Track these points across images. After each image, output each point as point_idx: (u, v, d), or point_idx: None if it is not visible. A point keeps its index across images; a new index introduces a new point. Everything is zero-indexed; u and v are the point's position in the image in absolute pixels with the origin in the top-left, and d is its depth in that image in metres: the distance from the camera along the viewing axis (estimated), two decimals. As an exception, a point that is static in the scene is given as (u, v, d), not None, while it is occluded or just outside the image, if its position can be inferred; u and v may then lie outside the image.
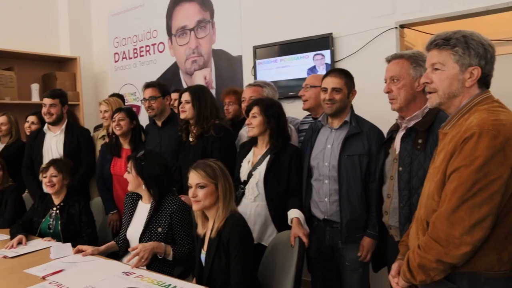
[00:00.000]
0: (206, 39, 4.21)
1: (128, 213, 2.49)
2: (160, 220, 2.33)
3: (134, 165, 2.37)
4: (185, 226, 2.34)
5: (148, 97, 3.03)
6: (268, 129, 2.41)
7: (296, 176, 2.41)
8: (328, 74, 2.40)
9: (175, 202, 2.35)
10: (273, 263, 2.17)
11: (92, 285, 1.86)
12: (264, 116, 2.39)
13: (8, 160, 3.40)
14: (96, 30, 5.34)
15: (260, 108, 2.40)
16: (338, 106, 2.31)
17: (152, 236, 2.32)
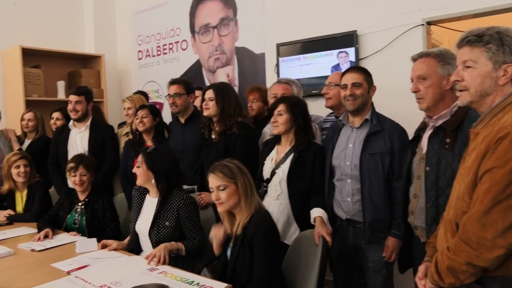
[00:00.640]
0: (229, 36, 4.21)
1: (136, 207, 2.52)
2: (167, 215, 2.36)
3: (145, 159, 2.40)
4: (193, 219, 2.37)
5: (173, 94, 3.04)
6: (294, 127, 2.40)
7: (319, 175, 2.39)
8: (346, 72, 2.37)
9: (181, 197, 2.37)
10: (296, 262, 2.15)
11: (116, 281, 1.88)
12: (290, 113, 2.38)
13: (34, 155, 3.47)
14: (120, 28, 5.41)
15: (287, 106, 2.39)
16: (360, 101, 2.28)
17: (160, 230, 2.35)
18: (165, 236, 2.33)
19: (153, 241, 2.37)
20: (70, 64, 5.09)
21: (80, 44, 5.31)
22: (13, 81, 4.48)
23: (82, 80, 4.82)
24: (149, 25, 4.99)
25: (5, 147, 3.83)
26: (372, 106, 2.35)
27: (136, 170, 2.43)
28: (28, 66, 4.50)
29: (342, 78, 2.35)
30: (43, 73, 4.63)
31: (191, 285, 1.81)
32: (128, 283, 1.83)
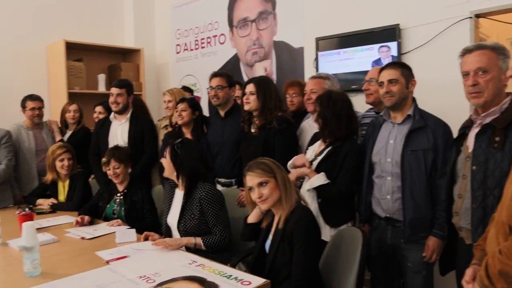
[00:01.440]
0: (268, 30, 4.18)
1: (167, 200, 2.56)
2: (192, 208, 2.37)
3: (170, 150, 2.43)
4: (215, 213, 2.35)
5: (215, 86, 3.05)
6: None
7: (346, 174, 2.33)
8: (383, 69, 2.31)
9: (204, 189, 2.37)
10: (335, 259, 2.12)
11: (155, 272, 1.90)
12: (320, 106, 2.36)
13: (74, 146, 3.57)
14: (159, 22, 5.47)
15: (320, 106, 2.37)
16: (397, 98, 2.21)
17: (187, 223, 2.37)
18: (191, 228, 2.35)
19: (181, 234, 2.40)
20: (110, 58, 5.20)
21: (120, 38, 5.41)
22: (57, 74, 4.61)
23: (121, 73, 4.92)
24: (187, 19, 5.03)
25: (48, 138, 3.96)
26: (415, 102, 2.28)
27: (162, 160, 2.47)
28: (71, 59, 4.63)
29: (379, 76, 2.30)
30: (85, 67, 4.75)
31: (229, 279, 1.81)
32: (167, 275, 1.85)
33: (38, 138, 3.90)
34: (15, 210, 3.27)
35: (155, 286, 1.74)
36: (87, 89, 4.75)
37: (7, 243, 2.44)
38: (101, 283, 1.79)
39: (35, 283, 1.81)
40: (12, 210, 3.26)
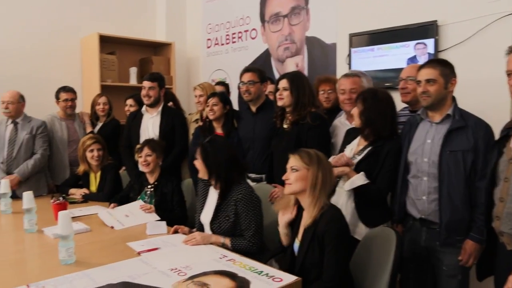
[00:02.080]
0: (300, 26, 4.14)
1: (201, 198, 2.53)
2: (227, 209, 2.33)
3: (200, 151, 2.38)
4: (248, 216, 2.28)
5: (247, 81, 3.03)
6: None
7: (385, 174, 2.28)
8: (422, 67, 2.24)
9: (241, 191, 2.31)
10: (367, 259, 2.08)
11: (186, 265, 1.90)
12: (364, 104, 2.30)
13: (104, 138, 3.63)
14: (191, 16, 5.48)
15: (363, 104, 2.31)
16: (434, 98, 2.14)
17: (221, 223, 2.33)
18: (226, 229, 2.32)
19: (215, 233, 2.38)
20: (142, 51, 5.24)
21: (152, 31, 5.45)
22: (90, 67, 4.69)
23: (152, 67, 4.95)
24: (219, 14, 5.03)
25: (80, 129, 4.04)
26: (455, 101, 2.20)
27: (195, 162, 2.42)
28: (104, 52, 4.68)
29: (417, 74, 2.23)
30: (117, 60, 4.81)
31: (260, 275, 1.80)
32: (198, 269, 1.86)
33: (71, 129, 3.97)
34: (49, 198, 3.36)
35: (187, 279, 1.74)
36: (119, 81, 4.81)
37: (42, 230, 2.50)
38: (133, 274, 1.80)
39: (70, 271, 1.85)
40: (46, 199, 3.34)
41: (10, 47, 4.39)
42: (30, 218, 2.50)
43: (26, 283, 1.71)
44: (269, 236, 2.65)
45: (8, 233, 2.67)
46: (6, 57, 4.36)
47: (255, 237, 2.26)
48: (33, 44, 4.54)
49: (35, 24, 4.55)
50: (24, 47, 4.48)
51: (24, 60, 4.47)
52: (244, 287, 1.67)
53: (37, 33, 4.56)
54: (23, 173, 3.52)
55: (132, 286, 1.69)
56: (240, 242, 2.25)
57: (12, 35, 4.41)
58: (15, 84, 3.93)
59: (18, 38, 4.44)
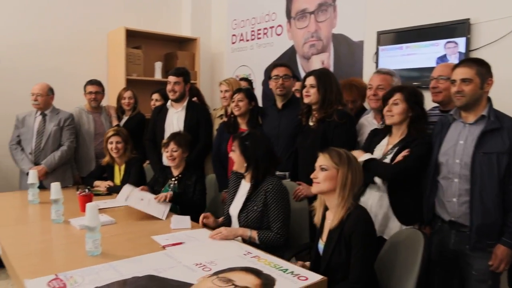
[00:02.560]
0: (327, 23, 4.09)
1: (232, 191, 2.56)
2: (257, 199, 2.35)
3: (238, 144, 2.40)
4: (276, 208, 2.30)
5: (283, 75, 3.02)
6: (409, 118, 2.28)
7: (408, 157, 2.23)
8: (457, 65, 2.18)
9: (271, 182, 2.34)
10: (393, 260, 2.04)
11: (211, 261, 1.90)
12: (406, 104, 2.26)
13: (129, 131, 3.65)
14: (216, 12, 5.49)
15: (404, 96, 2.27)
16: (469, 98, 2.08)
17: (248, 214, 2.35)
18: (253, 220, 2.34)
19: (241, 224, 2.39)
20: (167, 46, 5.27)
21: (177, 26, 5.48)
22: (116, 60, 4.74)
23: (177, 61, 4.98)
24: (244, 10, 5.01)
25: (106, 122, 4.09)
26: (490, 102, 2.14)
27: (231, 155, 2.45)
28: (130, 47, 4.73)
29: (452, 72, 2.18)
30: (143, 54, 4.84)
31: (285, 272, 1.79)
32: (222, 264, 1.85)
33: (97, 122, 4.03)
34: (74, 190, 3.42)
35: (212, 274, 1.74)
36: (144, 76, 4.85)
37: (69, 221, 2.53)
38: (159, 268, 1.81)
39: (96, 262, 1.87)
40: (71, 190, 3.40)
41: (40, 41, 4.48)
42: (57, 209, 2.54)
43: (54, 273, 1.73)
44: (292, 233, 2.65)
45: (36, 222, 2.71)
46: (35, 51, 4.44)
47: (283, 230, 2.28)
48: (62, 38, 4.62)
49: (64, 18, 4.63)
50: (53, 41, 4.56)
51: (53, 54, 4.56)
52: (270, 284, 1.66)
53: (65, 27, 4.64)
54: (50, 164, 3.58)
55: (158, 279, 1.69)
56: (267, 235, 2.27)
57: (41, 30, 4.49)
58: (44, 77, 4.01)
59: (48, 32, 4.53)
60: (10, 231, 2.41)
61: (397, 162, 2.22)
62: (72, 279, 1.68)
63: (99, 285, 1.63)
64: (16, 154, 3.63)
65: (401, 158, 2.22)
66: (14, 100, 4.18)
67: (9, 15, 4.30)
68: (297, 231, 2.67)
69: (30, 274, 1.73)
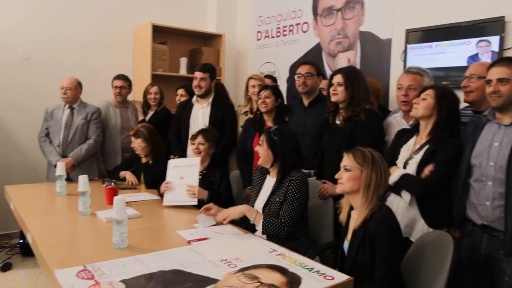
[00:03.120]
0: (354, 20, 4.04)
1: (257, 187, 2.54)
2: (280, 192, 2.34)
3: (266, 138, 2.39)
4: (292, 199, 2.28)
5: (305, 73, 3.00)
6: (435, 117, 2.24)
7: (438, 167, 2.19)
8: (493, 65, 2.11)
9: (295, 174, 2.33)
10: (420, 262, 2.01)
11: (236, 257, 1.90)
12: (435, 101, 2.22)
13: (154, 126, 3.68)
14: (242, 8, 5.48)
15: (435, 93, 2.23)
16: (505, 99, 2.02)
17: (271, 206, 2.35)
18: (274, 212, 2.33)
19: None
20: (192, 42, 5.30)
21: (203, 22, 5.49)
22: (142, 56, 4.78)
23: (202, 57, 4.99)
24: (270, 6, 4.99)
25: (132, 117, 4.14)
26: None
27: (258, 149, 2.44)
28: (156, 42, 4.76)
29: (488, 72, 2.11)
30: (169, 50, 4.87)
31: (310, 271, 1.77)
32: (248, 261, 1.84)
33: (124, 116, 4.08)
34: (99, 183, 3.47)
35: (237, 271, 1.74)
36: (169, 71, 4.88)
37: (95, 213, 2.57)
38: (184, 262, 1.81)
39: (123, 255, 1.88)
40: (97, 183, 3.45)
41: (69, 37, 4.55)
42: (84, 201, 2.58)
43: (82, 264, 1.76)
44: (317, 232, 2.64)
45: (63, 214, 2.76)
46: (64, 46, 4.53)
47: (289, 220, 2.26)
48: (90, 34, 4.69)
49: (92, 15, 4.70)
50: (81, 37, 4.64)
51: (81, 49, 4.63)
52: (296, 283, 1.64)
53: (93, 23, 4.71)
54: (76, 157, 3.64)
55: (184, 274, 1.70)
56: (272, 221, 2.26)
57: (70, 25, 4.57)
58: (73, 71, 4.09)
59: (76, 28, 4.60)
60: (38, 221, 2.46)
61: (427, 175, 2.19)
62: (99, 270, 1.70)
63: (126, 277, 1.64)
64: (45, 146, 3.70)
65: (427, 172, 2.18)
66: (43, 93, 4.27)
67: (39, 12, 4.38)
68: (322, 230, 2.66)
69: (59, 264, 1.76)
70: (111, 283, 1.58)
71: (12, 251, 3.93)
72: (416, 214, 2.26)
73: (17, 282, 3.35)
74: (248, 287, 1.58)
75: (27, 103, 4.29)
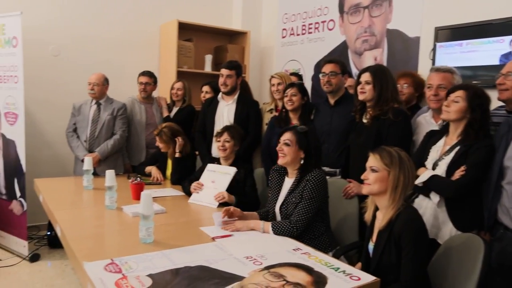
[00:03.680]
0: (381, 17, 3.98)
1: (275, 188, 2.50)
2: (296, 191, 2.31)
3: (298, 139, 2.35)
4: (308, 199, 2.25)
5: (328, 72, 2.97)
6: (467, 119, 2.18)
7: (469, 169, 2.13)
8: None
9: (314, 174, 2.29)
10: (447, 265, 1.96)
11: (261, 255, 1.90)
12: (468, 103, 2.16)
13: (178, 122, 3.71)
14: (267, 5, 5.46)
15: (467, 94, 2.17)
16: None
17: (288, 206, 2.33)
18: (291, 212, 2.30)
19: (283, 217, 2.37)
20: (217, 39, 5.31)
21: (228, 20, 5.50)
22: (168, 53, 4.82)
23: (227, 55, 5.00)
24: (295, 4, 4.96)
25: (157, 113, 4.17)
26: None
27: (283, 148, 2.37)
28: (181, 39, 4.79)
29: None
30: (194, 47, 4.90)
31: (336, 271, 1.75)
32: (273, 259, 1.84)
33: (149, 112, 4.12)
34: (124, 178, 3.52)
35: (263, 268, 1.73)
36: (195, 68, 4.90)
37: (121, 208, 2.60)
38: (210, 259, 1.82)
39: (149, 250, 1.90)
40: (122, 178, 3.50)
41: (96, 34, 4.62)
42: (111, 196, 2.62)
43: (109, 257, 1.78)
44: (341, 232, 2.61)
45: (90, 208, 2.81)
46: (92, 43, 4.59)
47: (301, 221, 2.23)
48: (117, 31, 4.75)
49: (119, 11, 4.75)
50: (108, 34, 4.70)
51: (108, 46, 4.70)
52: (322, 282, 1.63)
53: (120, 20, 4.76)
54: (103, 152, 3.70)
55: (210, 270, 1.71)
56: (282, 226, 2.23)
57: (97, 23, 4.63)
58: (100, 68, 4.14)
59: (104, 25, 4.67)
60: (67, 214, 2.51)
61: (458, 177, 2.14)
62: (127, 264, 1.72)
63: (152, 272, 1.66)
64: (72, 141, 3.77)
65: (458, 176, 2.13)
66: (72, 89, 4.34)
67: (69, 9, 4.46)
68: (345, 229, 2.63)
69: (87, 257, 1.79)
70: (138, 277, 1.60)
71: (40, 243, 4.02)
72: (444, 216, 2.21)
73: (44, 273, 3.42)
74: (274, 285, 1.57)
75: (56, 98, 4.38)
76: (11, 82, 3.68)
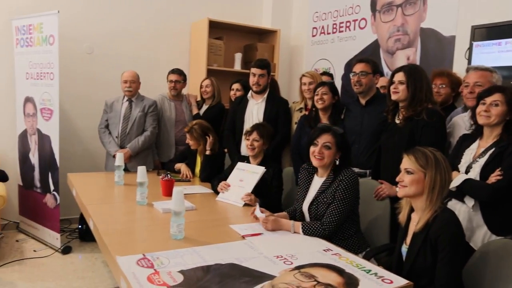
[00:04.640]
0: (415, 16, 3.90)
1: (304, 186, 2.47)
2: (328, 191, 2.28)
3: (336, 140, 2.31)
4: (340, 199, 2.22)
5: (359, 72, 2.94)
6: (505, 121, 2.12)
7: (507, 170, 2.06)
8: None
9: (346, 174, 2.27)
10: (483, 272, 1.91)
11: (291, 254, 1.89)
12: (507, 106, 2.09)
13: (208, 120, 3.72)
14: (297, 4, 5.43)
15: (505, 97, 2.10)
16: None
17: (319, 205, 2.30)
18: (322, 212, 2.28)
19: (312, 216, 2.35)
20: (247, 37, 5.31)
21: (258, 18, 5.50)
22: (198, 51, 4.86)
23: (257, 53, 4.99)
24: (327, 2, 4.91)
25: (186, 110, 4.21)
26: None
27: (327, 152, 2.30)
28: (212, 37, 4.82)
29: None
30: (224, 45, 4.92)
31: (368, 273, 1.73)
32: (303, 259, 1.83)
33: (178, 110, 4.16)
34: (154, 174, 3.56)
35: (293, 268, 1.73)
36: (224, 66, 4.92)
37: (152, 204, 2.63)
38: (240, 257, 1.82)
39: (180, 246, 1.92)
40: (152, 174, 3.54)
41: (128, 32, 4.71)
42: (142, 191, 2.66)
43: (141, 252, 1.80)
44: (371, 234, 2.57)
45: (121, 203, 2.86)
46: (124, 40, 4.68)
47: (332, 223, 2.21)
48: (149, 29, 4.82)
49: (151, 9, 4.82)
50: (140, 31, 4.78)
51: (139, 43, 4.78)
52: (353, 284, 1.61)
53: (152, 18, 4.84)
54: (134, 148, 3.76)
55: (240, 268, 1.71)
56: (313, 228, 2.21)
57: (129, 20, 4.71)
58: (131, 65, 4.24)
59: (135, 23, 4.75)
60: (99, 209, 2.56)
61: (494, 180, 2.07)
62: (158, 260, 1.74)
63: (184, 268, 1.67)
64: (104, 137, 3.85)
65: (494, 180, 2.07)
66: (104, 86, 4.44)
67: (102, 7, 4.55)
68: (376, 231, 2.59)
69: (119, 251, 1.82)
70: (170, 273, 1.61)
71: (71, 236, 4.13)
72: (479, 220, 2.16)
73: (75, 265, 3.50)
74: (305, 285, 1.56)
75: (89, 95, 4.48)
76: (47, 79, 3.78)
